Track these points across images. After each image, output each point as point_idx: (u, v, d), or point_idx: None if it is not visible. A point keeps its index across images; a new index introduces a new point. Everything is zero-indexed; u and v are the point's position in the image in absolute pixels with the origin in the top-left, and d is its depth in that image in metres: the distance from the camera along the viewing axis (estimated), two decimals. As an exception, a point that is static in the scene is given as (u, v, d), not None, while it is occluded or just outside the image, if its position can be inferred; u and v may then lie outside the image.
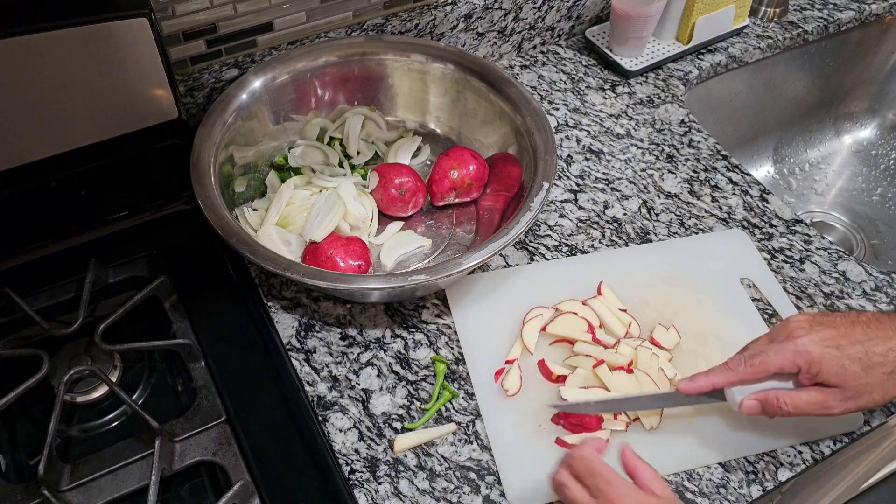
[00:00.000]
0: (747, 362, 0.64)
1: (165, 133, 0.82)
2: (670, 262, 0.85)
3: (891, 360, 0.61)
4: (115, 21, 0.70)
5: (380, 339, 0.79)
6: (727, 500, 0.68)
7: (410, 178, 0.86)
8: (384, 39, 0.93)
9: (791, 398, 0.62)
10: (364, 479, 0.69)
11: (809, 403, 0.62)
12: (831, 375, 0.61)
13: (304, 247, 0.81)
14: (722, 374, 0.65)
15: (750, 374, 0.64)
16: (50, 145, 0.76)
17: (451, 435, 0.72)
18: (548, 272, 0.85)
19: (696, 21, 1.08)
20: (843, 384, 0.61)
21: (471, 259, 0.72)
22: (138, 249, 0.84)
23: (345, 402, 0.74)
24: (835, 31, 1.22)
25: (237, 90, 0.85)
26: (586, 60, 1.12)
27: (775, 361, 0.63)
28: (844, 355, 0.61)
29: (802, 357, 0.62)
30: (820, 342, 0.62)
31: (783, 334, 0.64)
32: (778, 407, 0.63)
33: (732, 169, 0.97)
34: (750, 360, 0.64)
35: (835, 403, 0.62)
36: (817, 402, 0.62)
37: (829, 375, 0.61)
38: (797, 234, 0.90)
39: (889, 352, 0.61)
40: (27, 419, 0.73)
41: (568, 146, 0.99)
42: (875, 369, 0.61)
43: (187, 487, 0.70)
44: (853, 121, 1.38)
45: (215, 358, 0.76)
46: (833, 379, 0.61)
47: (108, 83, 0.74)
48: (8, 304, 0.77)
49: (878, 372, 0.61)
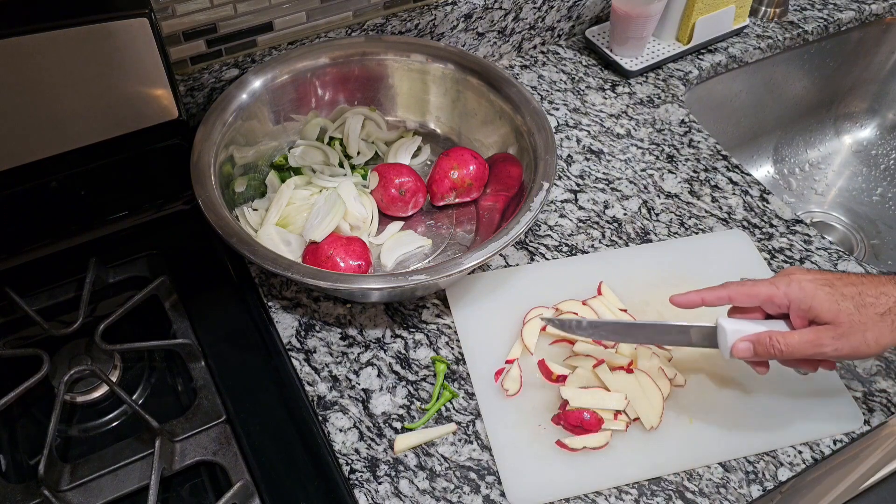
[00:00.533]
0: (740, 283, 0.66)
1: (165, 133, 0.82)
2: (671, 262, 0.86)
3: (882, 303, 0.62)
4: (115, 21, 0.70)
5: (380, 339, 0.79)
6: (727, 500, 0.68)
7: (410, 178, 0.86)
8: (384, 39, 0.93)
9: (784, 337, 0.63)
10: (364, 479, 0.69)
11: (802, 342, 0.62)
12: (824, 311, 0.62)
13: (304, 247, 0.82)
14: (713, 290, 0.67)
15: (738, 293, 0.65)
16: (50, 145, 0.76)
17: (452, 435, 0.72)
18: (548, 272, 0.85)
19: (696, 21, 1.08)
20: (835, 320, 0.61)
21: (471, 259, 0.72)
22: (138, 249, 0.84)
23: (345, 402, 0.74)
24: (835, 31, 1.22)
25: (237, 90, 0.85)
26: (586, 60, 1.12)
27: (768, 289, 0.64)
28: (838, 292, 0.62)
29: (796, 291, 0.63)
30: (814, 280, 0.63)
31: (781, 273, 0.66)
32: (770, 345, 0.63)
33: (732, 169, 0.97)
34: (742, 283, 0.66)
35: (827, 341, 0.62)
36: (810, 340, 0.62)
37: (822, 311, 0.62)
38: (797, 234, 0.90)
39: (881, 295, 0.62)
40: (27, 419, 0.73)
41: (568, 146, 0.99)
42: (867, 308, 0.61)
43: (187, 487, 0.70)
44: (853, 121, 1.38)
45: (215, 358, 0.76)
46: (826, 314, 0.62)
47: (108, 83, 0.74)
48: (8, 304, 0.77)
49: (870, 312, 0.61)
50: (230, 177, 0.84)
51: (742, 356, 0.65)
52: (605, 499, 0.68)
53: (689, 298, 0.68)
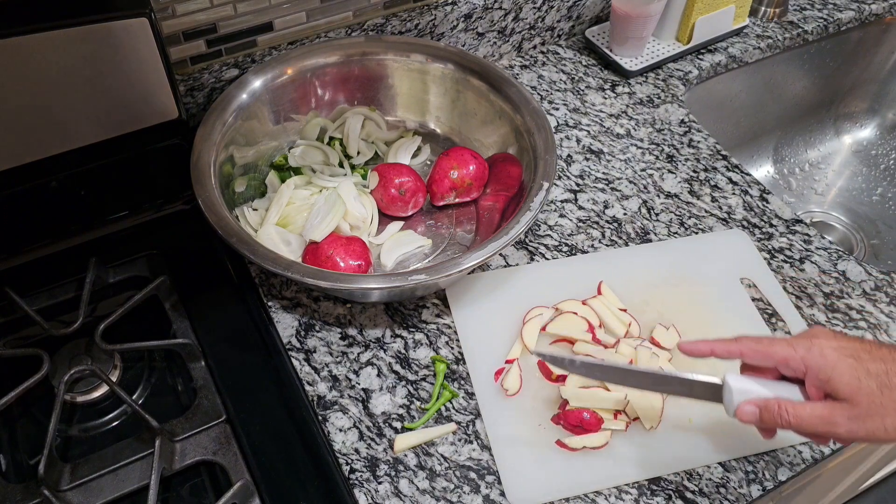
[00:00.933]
0: (754, 340, 0.60)
1: (165, 133, 0.82)
2: (671, 261, 0.86)
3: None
4: (115, 21, 0.70)
5: (380, 338, 0.79)
6: (727, 500, 0.68)
7: (410, 177, 0.86)
8: (384, 39, 0.93)
9: (794, 408, 0.57)
10: (364, 479, 0.69)
11: (813, 416, 0.56)
12: (843, 385, 0.55)
13: (304, 246, 0.82)
14: (725, 343, 0.61)
15: (752, 351, 0.60)
16: (50, 145, 0.76)
17: (451, 434, 0.72)
18: (548, 272, 0.85)
19: (696, 21, 1.08)
20: (854, 399, 0.55)
21: (471, 259, 0.72)
22: (138, 249, 0.84)
23: (345, 402, 0.74)
24: (835, 31, 1.22)
25: (237, 90, 0.85)
26: (586, 60, 1.12)
27: (784, 351, 0.58)
28: (862, 367, 0.55)
29: (815, 358, 0.57)
30: (839, 348, 0.57)
31: (804, 334, 0.60)
32: (778, 415, 0.57)
33: (732, 169, 0.97)
34: (758, 340, 0.60)
35: (841, 421, 0.55)
36: (822, 415, 0.56)
37: (841, 385, 0.55)
38: (797, 234, 0.90)
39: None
40: (27, 419, 0.73)
41: (568, 146, 0.99)
42: (893, 391, 0.54)
43: (187, 487, 0.70)
44: (853, 121, 1.38)
45: (215, 358, 0.76)
46: (844, 390, 0.55)
47: (108, 83, 0.74)
48: (8, 304, 0.77)
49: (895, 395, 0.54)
50: (230, 177, 0.84)
51: (746, 420, 0.59)
52: (605, 499, 0.68)
53: (697, 348, 0.63)
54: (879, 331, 0.80)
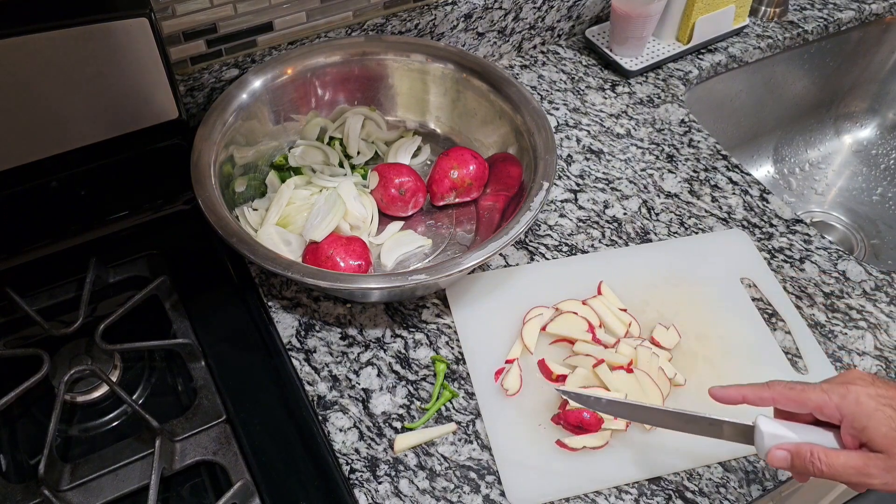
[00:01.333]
0: (787, 386, 0.58)
1: (165, 133, 0.82)
2: (670, 261, 0.86)
3: None
4: (115, 21, 0.70)
5: (380, 338, 0.79)
6: (727, 500, 0.68)
7: (410, 178, 0.86)
8: (384, 39, 0.93)
9: (827, 456, 0.55)
10: (364, 479, 0.69)
11: (847, 466, 0.55)
12: (879, 436, 0.53)
13: (304, 246, 0.82)
14: (756, 388, 0.60)
15: (786, 398, 0.58)
16: (50, 145, 0.76)
17: (451, 434, 0.72)
18: (548, 272, 0.85)
19: (696, 21, 1.08)
20: (890, 451, 0.53)
21: (471, 259, 0.72)
22: (138, 249, 0.84)
23: (345, 402, 0.74)
24: (835, 31, 1.22)
25: (237, 90, 0.85)
26: (586, 60, 1.12)
27: (819, 398, 0.56)
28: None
29: (851, 406, 0.55)
30: (877, 396, 0.55)
31: (839, 379, 0.58)
32: (810, 462, 0.56)
33: (732, 169, 0.97)
34: (791, 386, 0.58)
35: (876, 472, 0.53)
36: (856, 466, 0.54)
37: (877, 435, 0.53)
38: (797, 234, 0.90)
39: None
40: (27, 419, 0.73)
41: (568, 146, 0.99)
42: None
43: (187, 487, 0.70)
44: (853, 121, 1.38)
45: (215, 358, 0.76)
46: (880, 441, 0.53)
47: (108, 83, 0.74)
48: (8, 304, 0.77)
49: None
50: (230, 177, 0.84)
51: (778, 465, 0.58)
52: (605, 499, 0.68)
53: (728, 395, 0.61)
54: (879, 330, 0.80)
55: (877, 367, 0.77)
